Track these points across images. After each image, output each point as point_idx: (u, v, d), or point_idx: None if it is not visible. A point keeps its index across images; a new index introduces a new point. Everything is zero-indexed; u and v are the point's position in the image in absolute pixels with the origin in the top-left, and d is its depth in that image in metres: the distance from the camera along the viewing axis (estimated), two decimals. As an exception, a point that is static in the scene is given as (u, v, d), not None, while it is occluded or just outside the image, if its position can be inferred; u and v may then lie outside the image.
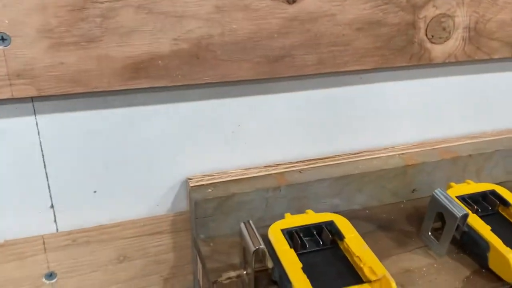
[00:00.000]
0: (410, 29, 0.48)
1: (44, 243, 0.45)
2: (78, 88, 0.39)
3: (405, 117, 0.54)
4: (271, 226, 0.42)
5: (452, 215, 0.40)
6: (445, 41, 0.50)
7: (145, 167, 0.46)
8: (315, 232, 0.43)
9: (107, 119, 0.43)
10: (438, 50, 0.50)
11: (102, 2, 0.37)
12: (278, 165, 0.50)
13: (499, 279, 0.40)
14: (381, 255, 0.43)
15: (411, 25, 0.48)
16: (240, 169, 0.49)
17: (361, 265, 0.38)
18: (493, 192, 0.47)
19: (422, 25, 0.48)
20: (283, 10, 0.43)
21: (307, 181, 0.47)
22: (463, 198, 0.46)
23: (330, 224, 0.43)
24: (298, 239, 0.41)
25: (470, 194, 0.47)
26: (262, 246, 0.36)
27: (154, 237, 0.48)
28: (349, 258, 0.40)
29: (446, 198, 0.42)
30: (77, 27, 0.37)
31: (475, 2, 0.50)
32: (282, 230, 0.42)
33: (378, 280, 0.36)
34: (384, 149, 0.54)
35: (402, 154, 0.53)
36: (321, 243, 0.42)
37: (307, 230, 0.43)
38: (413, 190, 0.53)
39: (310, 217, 0.44)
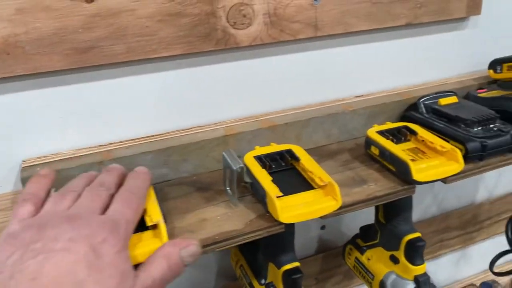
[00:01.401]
0: (211, 17, 0.56)
1: None
2: None
3: (231, 96, 0.62)
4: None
5: (232, 169, 0.49)
6: (247, 27, 0.58)
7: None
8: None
9: None
10: (242, 35, 0.58)
11: None
12: (110, 144, 0.57)
13: (275, 220, 0.48)
14: (188, 210, 0.51)
15: (212, 14, 0.56)
16: (72, 150, 0.55)
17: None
18: (289, 151, 0.56)
19: (222, 13, 0.56)
20: (83, 8, 0.50)
21: (131, 154, 0.55)
22: (259, 158, 0.54)
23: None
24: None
25: (267, 153, 0.55)
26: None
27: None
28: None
29: (229, 156, 0.50)
30: None
31: (270, -9, 0.58)
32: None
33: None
34: (214, 124, 0.61)
35: (227, 126, 0.61)
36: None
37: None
38: (238, 156, 0.60)
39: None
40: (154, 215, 0.44)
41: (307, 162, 0.54)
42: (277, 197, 0.48)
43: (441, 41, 0.73)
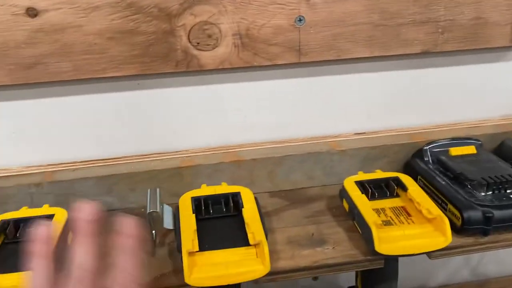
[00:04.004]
0: (170, 37, 0.50)
1: None
2: None
3: (193, 123, 0.56)
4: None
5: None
6: (214, 48, 0.52)
7: None
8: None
9: None
10: (207, 57, 0.52)
11: None
12: (59, 164, 0.54)
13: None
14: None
15: (170, 33, 0.50)
16: (22, 167, 0.54)
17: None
18: (235, 195, 0.48)
19: (182, 32, 0.50)
20: (26, 22, 0.47)
21: (72, 178, 0.52)
22: (197, 200, 0.47)
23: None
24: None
25: (208, 195, 0.48)
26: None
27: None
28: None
29: (151, 196, 0.46)
30: None
31: (241, 10, 0.51)
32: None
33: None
34: (169, 152, 0.56)
35: (185, 157, 0.55)
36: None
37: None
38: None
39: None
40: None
41: (249, 212, 0.46)
42: (190, 252, 0.41)
43: (471, 75, 0.59)
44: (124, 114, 0.54)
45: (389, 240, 0.43)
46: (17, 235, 0.44)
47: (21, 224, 0.45)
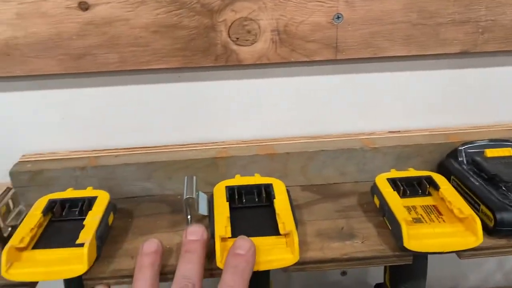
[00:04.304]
0: (211, 31, 0.52)
1: None
2: None
3: (229, 116, 0.58)
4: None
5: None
6: (252, 43, 0.53)
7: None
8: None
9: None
10: (246, 52, 0.54)
11: None
12: (103, 150, 0.57)
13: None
14: (147, 232, 0.49)
15: (211, 28, 0.52)
16: (68, 151, 0.57)
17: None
18: (268, 186, 0.50)
19: (223, 28, 0.52)
20: (78, 15, 0.50)
21: (115, 164, 0.54)
22: (231, 189, 0.49)
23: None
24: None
25: (241, 185, 0.50)
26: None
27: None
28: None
29: (187, 183, 0.48)
30: None
31: (280, 6, 0.52)
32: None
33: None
34: (206, 143, 0.58)
35: (221, 148, 0.57)
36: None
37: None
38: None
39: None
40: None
41: (281, 203, 0.47)
42: (223, 238, 0.43)
43: (511, 76, 0.58)
44: (165, 105, 0.57)
45: (419, 237, 0.43)
46: (63, 214, 0.47)
47: (67, 204, 0.48)
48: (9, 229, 0.47)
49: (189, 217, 0.47)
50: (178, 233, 0.49)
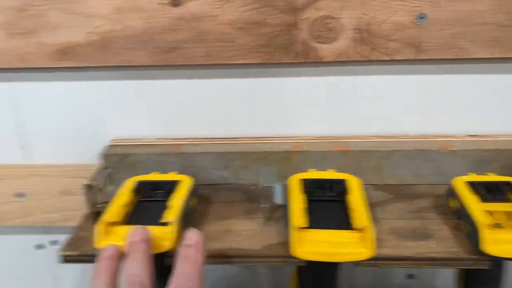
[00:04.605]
0: (293, 29, 0.54)
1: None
2: (27, 64, 0.57)
3: (306, 111, 0.59)
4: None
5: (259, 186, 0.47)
6: (333, 41, 0.54)
7: (89, 130, 0.62)
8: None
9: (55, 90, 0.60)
10: (326, 49, 0.55)
11: (34, 6, 0.54)
12: (185, 138, 0.61)
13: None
14: (223, 218, 0.52)
15: (293, 26, 0.54)
16: (154, 138, 0.61)
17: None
18: (342, 181, 0.50)
19: (305, 26, 0.54)
20: (170, 11, 0.54)
21: (194, 152, 0.58)
22: (305, 181, 0.51)
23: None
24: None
25: (316, 179, 0.51)
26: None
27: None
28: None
29: (265, 172, 0.49)
30: (21, 23, 0.55)
31: (363, 5, 0.53)
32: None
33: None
34: (282, 137, 0.60)
35: (295, 142, 0.58)
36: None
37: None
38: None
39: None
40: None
41: (355, 199, 0.48)
42: (301, 227, 0.44)
43: None
44: (245, 99, 0.59)
45: (498, 242, 0.43)
46: (150, 195, 0.51)
47: (153, 186, 0.52)
48: (102, 205, 0.51)
49: (265, 205, 0.49)
50: (254, 220, 0.51)
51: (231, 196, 0.56)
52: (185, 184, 0.51)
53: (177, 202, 0.48)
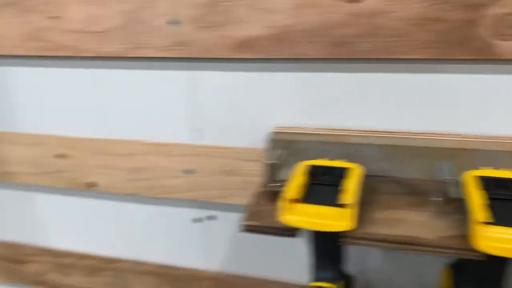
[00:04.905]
0: (471, 25, 0.54)
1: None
2: (209, 55, 0.64)
3: (472, 109, 0.58)
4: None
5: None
6: (512, 38, 0.53)
7: (253, 117, 0.68)
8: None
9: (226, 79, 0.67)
10: (505, 47, 0.54)
11: (224, 2, 0.61)
12: (348, 129, 0.63)
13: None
14: (389, 208, 0.53)
15: (472, 22, 0.54)
16: (315, 128, 0.64)
17: None
18: None
19: (484, 22, 0.53)
20: (343, 7, 0.57)
21: (357, 143, 0.60)
22: (483, 178, 0.51)
23: None
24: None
25: (493, 177, 0.51)
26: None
27: (249, 163, 0.69)
28: None
29: (444, 168, 0.50)
30: (208, 17, 0.62)
31: (552, 1, 0.51)
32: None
33: None
34: (444, 134, 0.59)
35: (460, 140, 0.58)
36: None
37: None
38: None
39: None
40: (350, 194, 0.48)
41: None
42: (484, 222, 0.44)
43: None
44: (409, 94, 0.60)
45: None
46: (321, 178, 0.54)
47: (326, 170, 0.55)
48: (275, 184, 0.56)
49: (437, 199, 0.50)
50: (423, 213, 0.52)
51: (393, 188, 0.58)
52: (357, 171, 0.54)
53: (352, 186, 0.50)
